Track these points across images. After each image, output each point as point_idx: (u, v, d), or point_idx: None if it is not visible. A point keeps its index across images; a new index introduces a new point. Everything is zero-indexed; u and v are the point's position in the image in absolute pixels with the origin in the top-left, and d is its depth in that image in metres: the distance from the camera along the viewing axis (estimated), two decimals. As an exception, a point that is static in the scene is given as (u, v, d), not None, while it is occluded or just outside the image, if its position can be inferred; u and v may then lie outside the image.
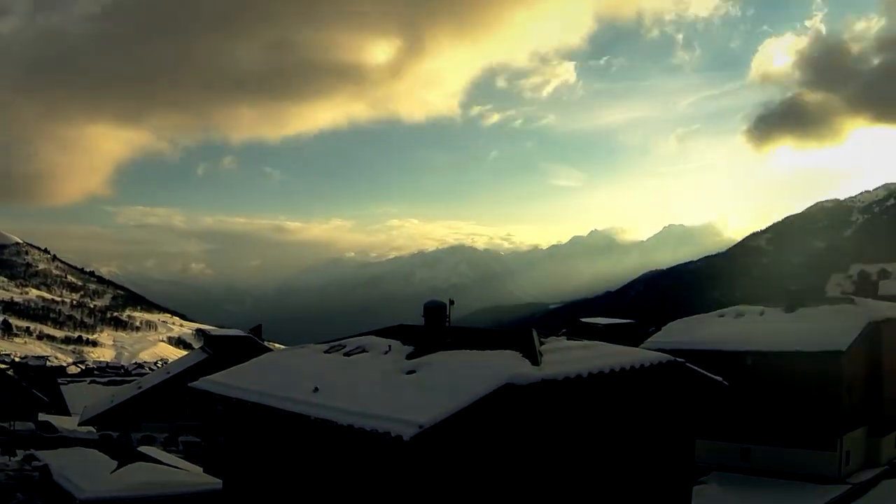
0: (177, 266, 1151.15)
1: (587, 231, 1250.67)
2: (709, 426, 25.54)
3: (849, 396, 28.63)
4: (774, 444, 28.52)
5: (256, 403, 16.64)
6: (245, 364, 20.62)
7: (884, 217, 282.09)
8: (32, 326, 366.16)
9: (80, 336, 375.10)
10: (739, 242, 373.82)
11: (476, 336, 17.17)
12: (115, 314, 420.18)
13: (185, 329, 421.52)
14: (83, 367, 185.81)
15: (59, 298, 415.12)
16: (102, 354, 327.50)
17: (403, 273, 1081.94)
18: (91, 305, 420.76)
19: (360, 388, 15.13)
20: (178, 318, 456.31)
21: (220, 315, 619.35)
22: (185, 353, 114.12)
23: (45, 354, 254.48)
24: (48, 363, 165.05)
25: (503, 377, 13.53)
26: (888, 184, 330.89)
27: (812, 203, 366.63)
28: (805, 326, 29.33)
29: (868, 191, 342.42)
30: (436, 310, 18.01)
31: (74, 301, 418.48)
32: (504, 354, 15.05)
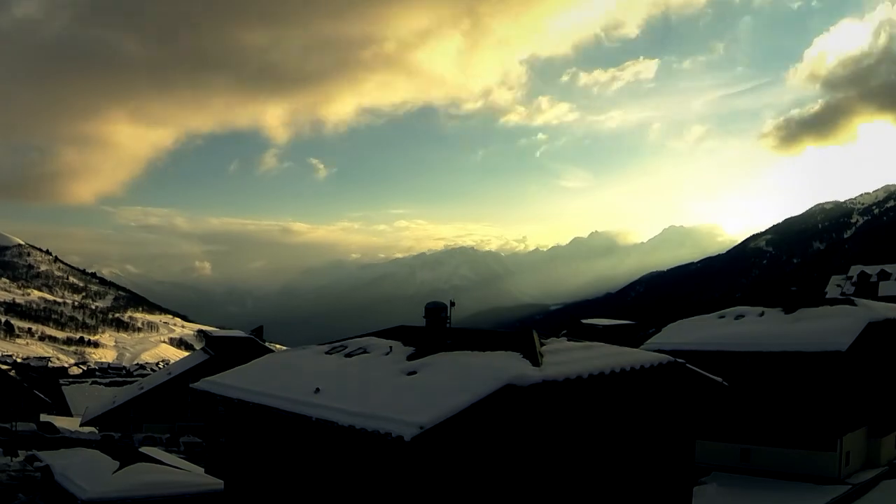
0: (179, 267, 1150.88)
1: (587, 232, 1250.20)
2: (709, 427, 25.62)
3: (849, 397, 28.62)
4: (774, 445, 28.49)
5: (258, 404, 16.67)
6: (246, 365, 20.65)
7: (884, 218, 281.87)
8: (34, 327, 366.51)
9: (82, 337, 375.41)
10: (739, 244, 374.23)
11: (477, 337, 17.13)
12: (117, 315, 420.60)
13: (187, 330, 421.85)
14: (85, 368, 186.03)
15: (61, 299, 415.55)
16: (104, 355, 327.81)
17: (404, 274, 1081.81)
18: (93, 306, 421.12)
19: (362, 389, 15.14)
20: (180, 319, 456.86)
21: (222, 316, 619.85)
22: (187, 354, 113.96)
23: (47, 355, 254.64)
24: (50, 364, 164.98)
25: (504, 378, 13.52)
26: (888, 185, 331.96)
27: (812, 204, 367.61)
28: (805, 327, 29.27)
29: (868, 192, 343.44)
30: (437, 311, 17.99)
31: (76, 302, 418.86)
32: (505, 355, 15.02)
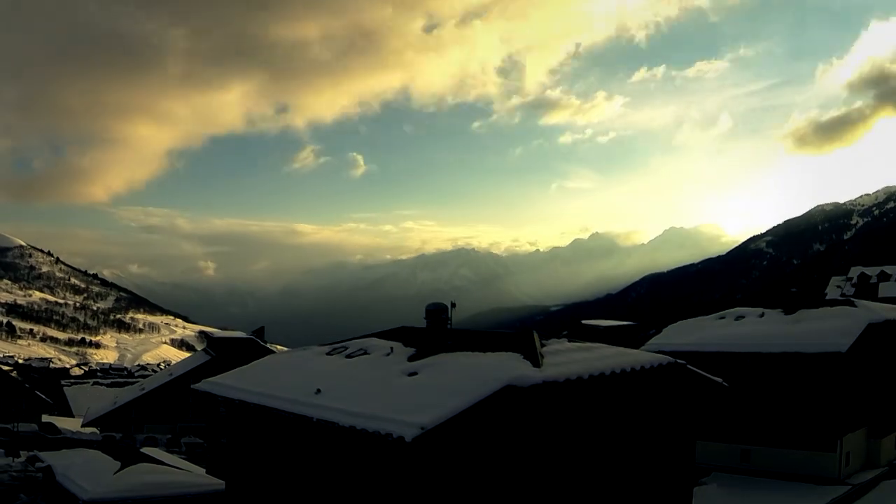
0: (180, 268, 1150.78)
1: (588, 233, 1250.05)
2: (709, 427, 25.66)
3: (849, 398, 28.64)
4: (774, 446, 28.50)
5: (259, 405, 16.72)
6: (248, 366, 20.71)
7: (884, 220, 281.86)
8: (36, 328, 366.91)
9: (84, 338, 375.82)
10: (740, 245, 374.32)
11: (477, 338, 17.16)
12: (119, 316, 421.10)
13: (188, 331, 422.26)
14: (86, 369, 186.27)
15: (63, 301, 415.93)
16: (105, 356, 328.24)
17: (405, 275, 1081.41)
18: (94, 308, 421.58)
19: (362, 390, 15.20)
20: (181, 321, 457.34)
21: (223, 317, 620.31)
22: (188, 355, 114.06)
23: (49, 356, 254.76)
24: (51, 365, 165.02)
25: (504, 379, 13.56)
26: (888, 187, 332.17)
27: (812, 206, 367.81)
28: (805, 328, 29.27)
29: (868, 193, 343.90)
30: (437, 312, 17.99)
31: (78, 303, 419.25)
32: (505, 356, 15.05)
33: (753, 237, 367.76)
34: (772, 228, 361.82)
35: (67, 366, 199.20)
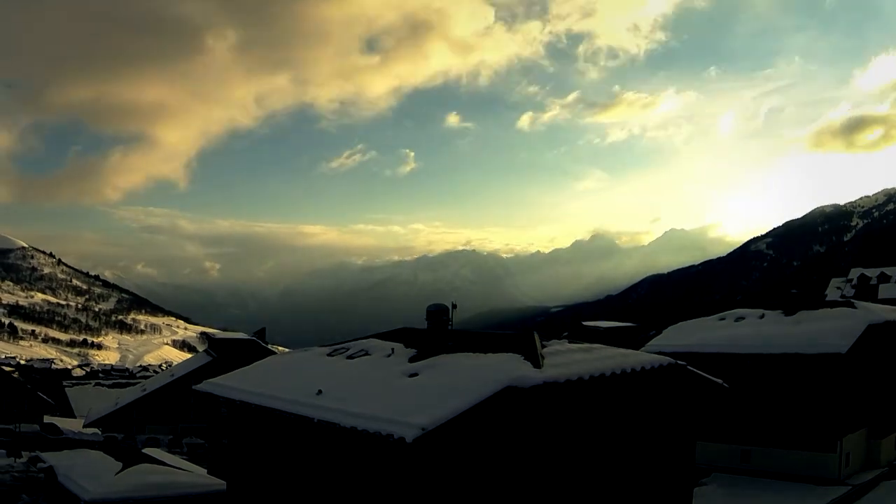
0: (182, 269, 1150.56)
1: (589, 234, 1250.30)
2: (709, 428, 25.66)
3: (849, 399, 28.66)
4: (775, 446, 28.50)
5: (260, 406, 16.77)
6: (249, 367, 20.77)
7: (884, 221, 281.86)
8: (38, 329, 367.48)
9: (86, 339, 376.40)
10: (740, 247, 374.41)
11: (478, 339, 17.17)
12: (120, 317, 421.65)
13: (190, 332, 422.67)
14: (88, 370, 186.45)
15: (65, 302, 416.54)
16: (107, 357, 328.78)
17: (406, 277, 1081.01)
18: (96, 309, 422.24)
19: (363, 391, 15.22)
20: (183, 322, 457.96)
21: (225, 318, 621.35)
22: (190, 356, 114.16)
23: (51, 357, 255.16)
24: (53, 366, 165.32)
25: (505, 380, 13.57)
26: (888, 189, 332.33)
27: (813, 207, 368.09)
28: (805, 329, 29.28)
29: (868, 195, 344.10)
30: (438, 313, 18.00)
31: (79, 304, 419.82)
32: (506, 357, 15.06)
33: (754, 239, 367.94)
34: (772, 230, 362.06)
35: (69, 367, 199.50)
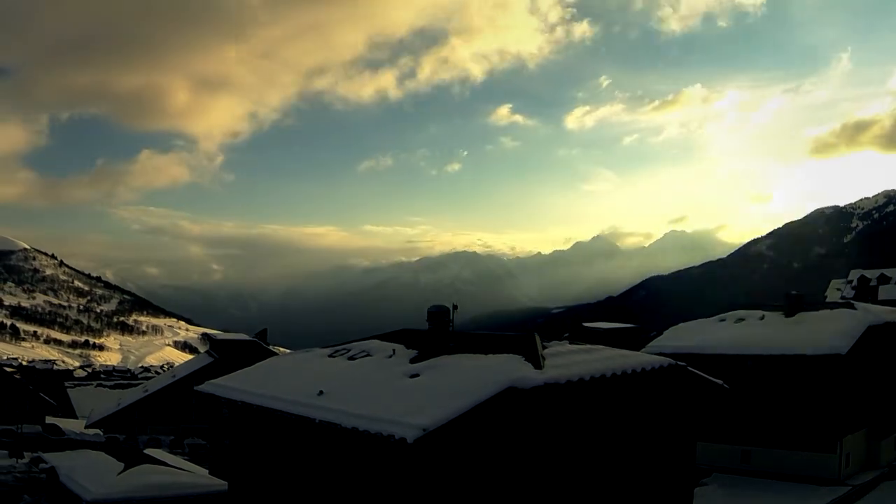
0: (184, 271, 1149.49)
1: (590, 236, 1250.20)
2: (710, 429, 25.76)
3: (849, 400, 28.72)
4: (775, 447, 28.59)
5: (261, 406, 16.86)
6: (250, 368, 20.87)
7: (883, 223, 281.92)
8: (40, 331, 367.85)
9: (87, 340, 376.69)
10: (740, 248, 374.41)
11: (479, 340, 17.25)
12: (122, 319, 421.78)
13: (191, 333, 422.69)
14: (90, 371, 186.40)
15: (67, 303, 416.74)
16: (109, 358, 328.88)
17: (407, 278, 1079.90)
18: (98, 310, 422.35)
19: (364, 392, 15.30)
20: (184, 323, 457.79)
21: (226, 319, 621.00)
22: (191, 357, 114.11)
23: (53, 358, 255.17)
24: (55, 367, 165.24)
25: (506, 381, 13.66)
26: (887, 191, 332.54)
27: (813, 209, 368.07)
28: (805, 331, 29.36)
29: (867, 197, 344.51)
30: (439, 314, 18.07)
31: (81, 306, 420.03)
32: (507, 358, 15.14)
33: (754, 240, 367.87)
34: (772, 232, 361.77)
35: (71, 368, 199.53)
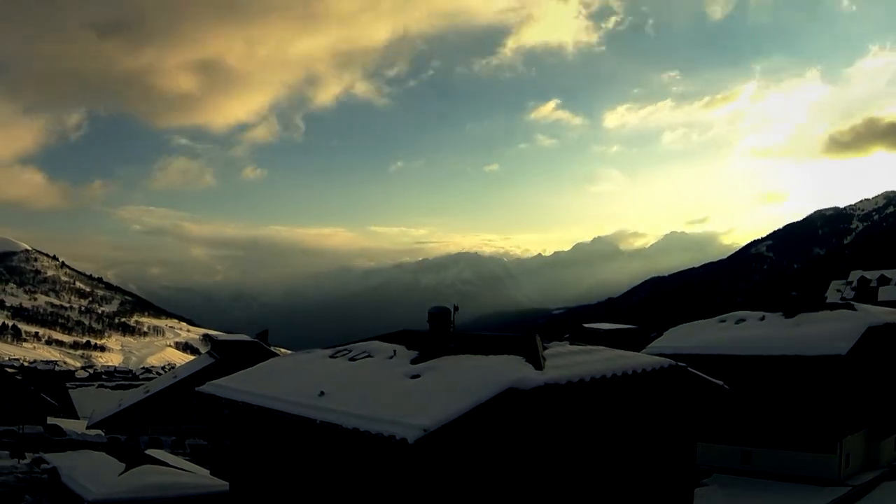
0: (185, 272, 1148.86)
1: (591, 237, 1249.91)
2: (710, 429, 25.80)
3: (849, 400, 28.73)
4: (775, 447, 28.58)
5: (263, 407, 16.88)
6: (251, 368, 20.87)
7: (883, 224, 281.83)
8: (41, 332, 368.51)
9: (89, 341, 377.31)
10: (741, 249, 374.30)
11: (480, 341, 17.26)
12: (123, 320, 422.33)
13: (193, 334, 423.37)
14: (91, 372, 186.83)
15: (68, 304, 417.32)
16: (110, 359, 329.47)
17: (408, 279, 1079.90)
18: (99, 311, 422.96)
19: (365, 392, 15.30)
20: (186, 324, 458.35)
21: (227, 320, 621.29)
22: (193, 358, 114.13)
23: (54, 359, 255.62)
24: (57, 368, 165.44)
25: (506, 381, 13.66)
26: (887, 192, 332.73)
27: (813, 210, 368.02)
28: (805, 331, 29.33)
29: (868, 199, 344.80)
30: (440, 315, 18.07)
31: (83, 307, 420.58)
32: (507, 359, 15.15)
33: (754, 241, 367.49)
34: (772, 232, 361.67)
35: (72, 368, 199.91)
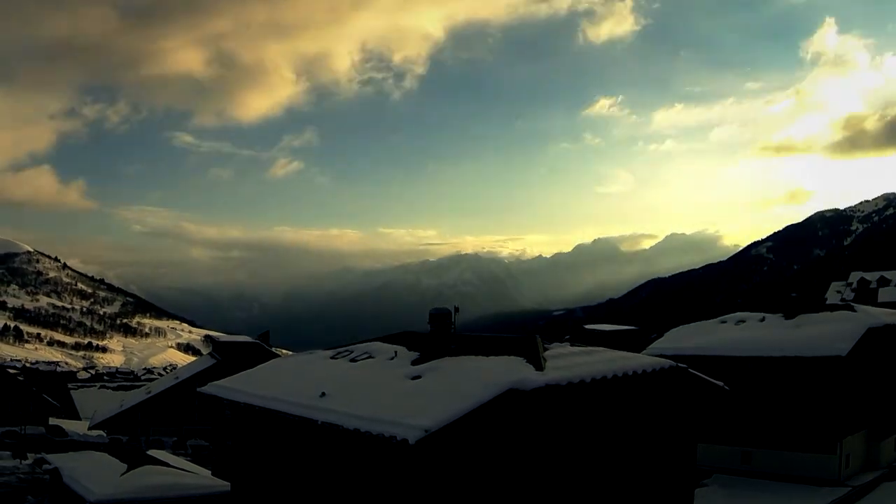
0: (187, 273, 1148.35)
1: (591, 239, 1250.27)
2: (710, 430, 25.83)
3: (849, 401, 28.77)
4: (775, 448, 28.63)
5: (264, 408, 16.94)
6: (253, 369, 20.95)
7: (883, 226, 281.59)
8: (43, 333, 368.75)
9: (90, 342, 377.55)
10: (741, 251, 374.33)
11: (481, 342, 17.34)
12: (125, 321, 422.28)
13: (194, 335, 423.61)
14: (93, 373, 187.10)
15: (70, 305, 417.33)
16: (112, 360, 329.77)
17: (409, 281, 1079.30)
18: (101, 312, 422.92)
19: (366, 393, 15.37)
20: (187, 325, 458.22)
21: (229, 322, 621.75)
22: (194, 359, 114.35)
23: (56, 360, 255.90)
24: (58, 369, 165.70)
25: (507, 382, 13.72)
26: (887, 194, 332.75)
27: (813, 212, 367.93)
28: (805, 333, 29.39)
29: (867, 200, 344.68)
30: (441, 317, 18.12)
31: (84, 308, 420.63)
32: (508, 360, 15.21)
33: (754, 243, 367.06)
34: (773, 234, 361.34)
35: (74, 369, 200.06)
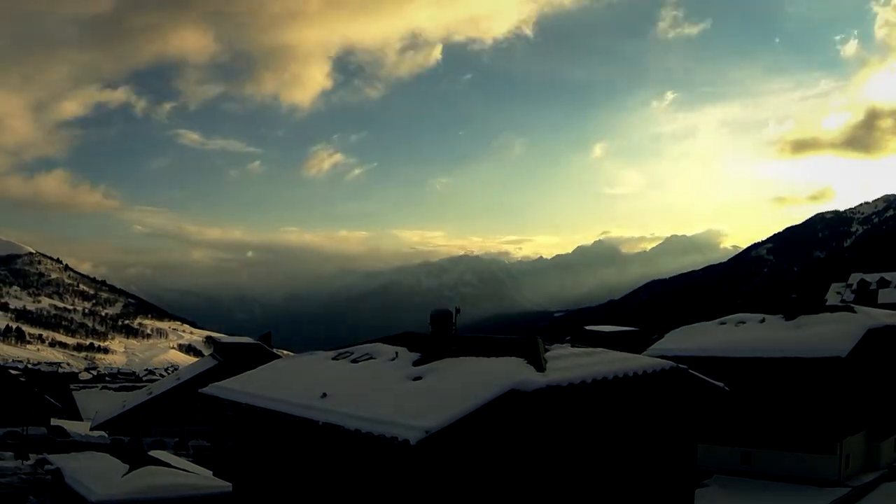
0: (188, 275, 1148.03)
1: (592, 240, 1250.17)
2: (710, 431, 25.91)
3: (849, 401, 28.82)
4: (775, 448, 28.70)
5: (265, 409, 17.04)
6: (254, 370, 21.03)
7: (883, 227, 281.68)
8: (45, 334, 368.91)
9: (92, 343, 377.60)
10: (741, 252, 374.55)
11: (481, 343, 17.42)
12: (127, 322, 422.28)
13: (196, 336, 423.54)
14: (95, 374, 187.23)
15: (72, 307, 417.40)
16: (114, 361, 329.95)
17: (410, 282, 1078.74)
18: (103, 313, 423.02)
19: (368, 394, 15.43)
20: (189, 326, 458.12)
21: (230, 323, 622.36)
22: (196, 360, 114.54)
23: (58, 361, 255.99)
24: (60, 370, 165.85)
25: (508, 383, 13.78)
26: (887, 195, 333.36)
27: (813, 214, 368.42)
28: (805, 334, 29.47)
29: (868, 202, 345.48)
30: (442, 318, 18.17)
31: (86, 309, 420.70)
32: (509, 361, 15.29)
33: (755, 244, 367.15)
34: (773, 236, 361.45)
35: (76, 370, 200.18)
